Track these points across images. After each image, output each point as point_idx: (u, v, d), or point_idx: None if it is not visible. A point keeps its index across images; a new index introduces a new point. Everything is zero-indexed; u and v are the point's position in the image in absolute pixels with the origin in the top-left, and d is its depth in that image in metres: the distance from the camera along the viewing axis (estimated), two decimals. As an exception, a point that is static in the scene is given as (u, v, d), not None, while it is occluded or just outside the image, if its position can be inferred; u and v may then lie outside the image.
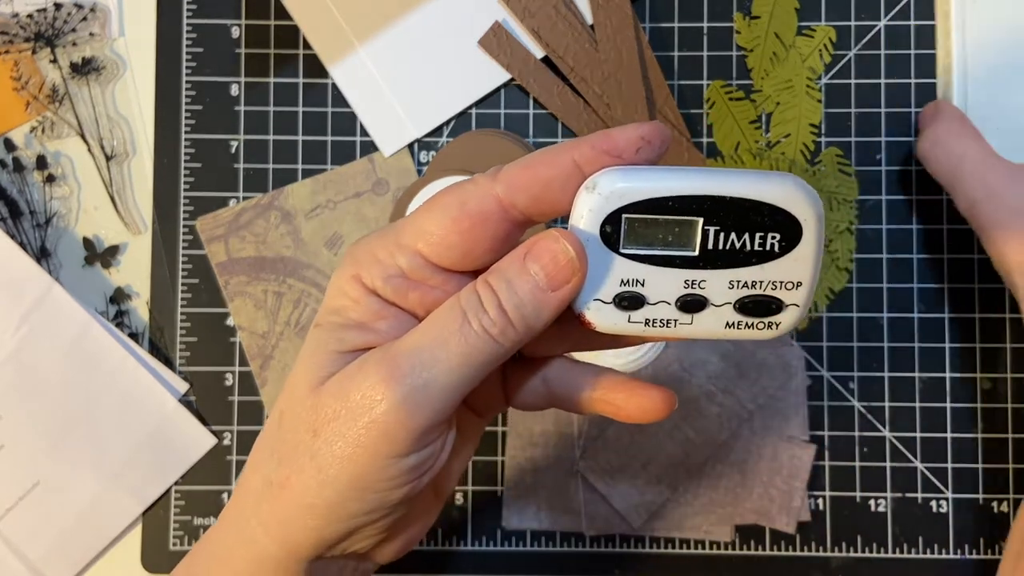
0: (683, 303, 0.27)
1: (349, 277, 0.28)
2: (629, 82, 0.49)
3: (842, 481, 0.48)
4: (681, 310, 0.27)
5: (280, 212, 0.50)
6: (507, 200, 0.26)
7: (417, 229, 0.27)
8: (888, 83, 0.50)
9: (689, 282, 0.26)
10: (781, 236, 0.26)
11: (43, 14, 0.50)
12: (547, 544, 0.48)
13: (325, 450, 0.26)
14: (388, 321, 0.28)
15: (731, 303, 0.27)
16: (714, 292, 0.26)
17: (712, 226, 0.26)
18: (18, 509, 0.48)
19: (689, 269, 0.26)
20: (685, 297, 0.26)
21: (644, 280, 0.26)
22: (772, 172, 0.26)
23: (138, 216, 0.50)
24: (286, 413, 0.28)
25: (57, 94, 0.50)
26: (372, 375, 0.26)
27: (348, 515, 0.27)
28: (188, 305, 0.50)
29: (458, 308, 0.26)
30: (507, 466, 0.48)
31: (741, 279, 0.26)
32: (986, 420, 0.48)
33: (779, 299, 0.27)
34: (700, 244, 0.26)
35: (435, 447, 0.27)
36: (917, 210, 0.49)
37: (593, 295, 0.27)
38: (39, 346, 0.48)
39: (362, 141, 0.50)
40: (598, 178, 0.26)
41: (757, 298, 0.26)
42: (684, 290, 0.26)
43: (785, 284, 0.26)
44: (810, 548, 0.48)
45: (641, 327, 0.27)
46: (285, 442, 0.28)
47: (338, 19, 0.50)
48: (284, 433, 0.28)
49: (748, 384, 0.48)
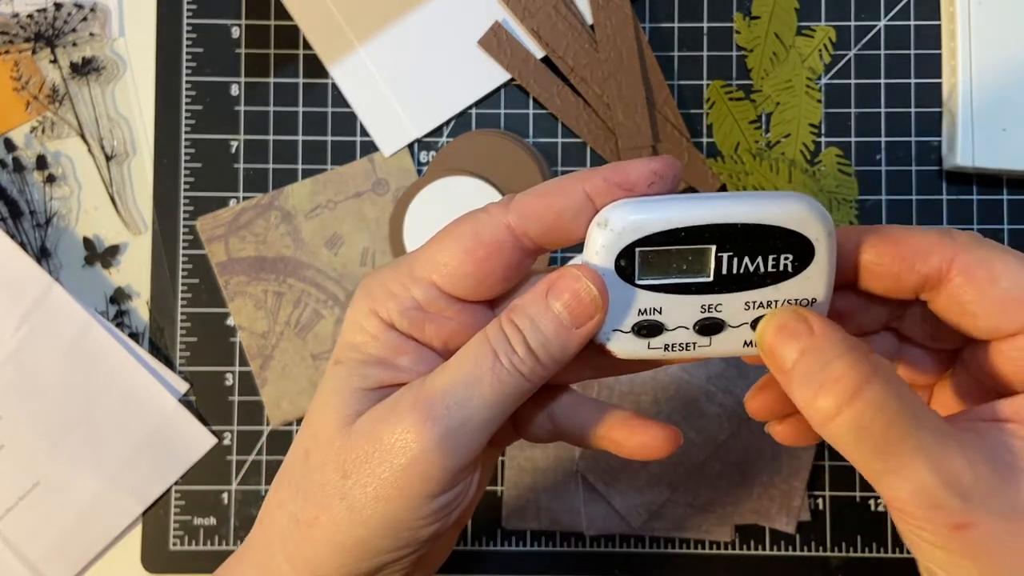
0: (701, 327, 0.27)
1: (366, 312, 0.28)
2: (629, 82, 0.49)
3: (842, 481, 0.48)
4: (699, 333, 0.27)
5: (280, 212, 0.50)
6: (520, 229, 0.26)
7: (430, 260, 0.27)
8: (888, 83, 0.50)
9: (706, 307, 0.27)
10: (794, 256, 0.26)
11: (43, 14, 0.50)
12: (547, 544, 0.48)
13: (357, 491, 0.26)
14: (409, 356, 0.28)
15: (748, 323, 0.27)
16: (731, 314, 0.27)
17: (725, 252, 0.26)
18: (18, 509, 0.48)
19: (705, 294, 0.26)
20: (703, 321, 0.27)
21: (661, 308, 0.27)
22: (780, 193, 0.26)
23: (138, 216, 0.50)
24: (312, 452, 0.28)
25: (57, 94, 0.50)
26: (406, 417, 0.26)
27: (378, 552, 0.27)
28: (188, 305, 0.50)
29: (488, 346, 0.26)
30: (507, 466, 0.48)
31: (757, 300, 0.26)
32: (986, 420, 0.48)
33: None
34: (714, 270, 0.26)
35: (466, 483, 0.28)
36: (917, 210, 0.49)
37: (613, 326, 0.27)
38: (39, 346, 0.48)
39: (362, 141, 0.50)
40: (609, 213, 0.26)
41: None
42: (701, 315, 0.27)
43: (800, 301, 0.26)
44: (810, 548, 0.48)
45: (661, 352, 0.27)
46: (312, 481, 0.27)
47: (338, 19, 0.50)
48: (311, 472, 0.27)
49: (748, 384, 0.48)
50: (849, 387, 0.24)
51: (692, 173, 0.49)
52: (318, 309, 0.49)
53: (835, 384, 0.24)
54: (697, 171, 0.49)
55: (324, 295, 0.49)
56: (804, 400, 0.25)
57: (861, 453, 0.24)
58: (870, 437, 0.23)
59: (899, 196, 0.49)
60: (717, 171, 0.49)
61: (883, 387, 0.24)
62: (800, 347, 0.25)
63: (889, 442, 0.23)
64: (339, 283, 0.49)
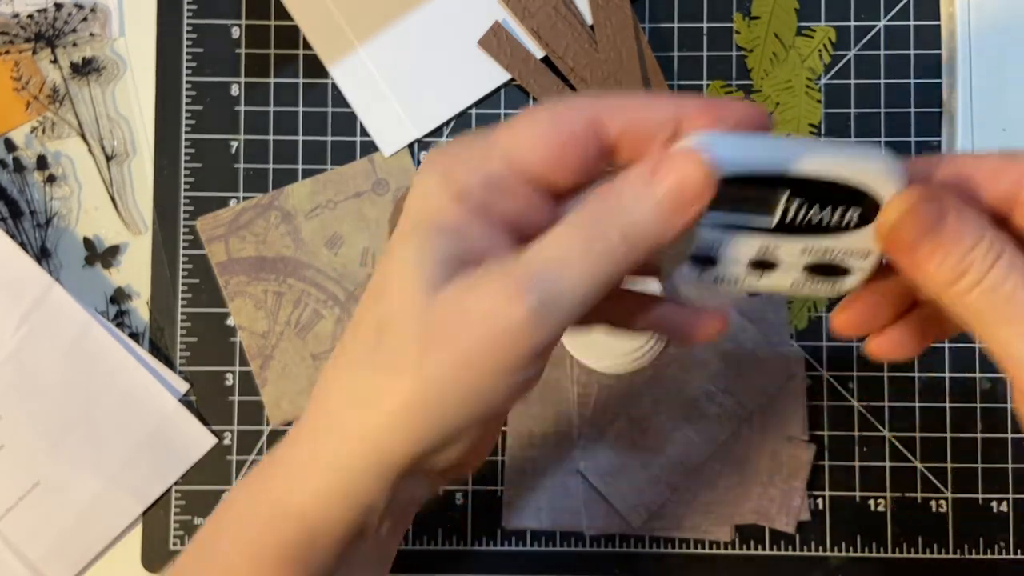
0: (754, 264, 0.27)
1: (437, 183, 0.27)
2: (629, 82, 0.49)
3: (842, 481, 0.48)
4: (752, 268, 0.27)
5: (280, 212, 0.50)
6: (601, 124, 0.26)
7: (505, 140, 0.26)
8: (887, 83, 0.50)
9: (764, 248, 0.27)
10: (862, 211, 0.26)
11: (43, 14, 0.50)
12: (547, 544, 0.48)
13: (438, 361, 0.25)
14: (479, 231, 0.27)
15: (801, 266, 0.27)
16: (786, 257, 0.27)
17: (796, 198, 0.26)
18: (18, 509, 0.48)
19: (767, 235, 0.27)
20: (758, 260, 0.27)
21: (722, 242, 0.27)
22: (864, 151, 0.26)
23: (138, 216, 0.50)
24: (388, 323, 0.27)
25: (57, 94, 0.50)
26: (498, 289, 0.25)
27: (447, 428, 0.26)
28: (188, 305, 0.50)
29: (582, 226, 0.26)
30: (507, 466, 0.48)
31: (815, 247, 0.27)
32: (985, 420, 0.48)
33: (848, 266, 0.27)
34: (781, 214, 0.26)
35: (539, 368, 0.27)
36: (917, 210, 0.49)
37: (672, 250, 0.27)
38: (39, 346, 0.48)
39: (362, 141, 0.50)
40: (697, 140, 0.26)
41: (828, 264, 0.27)
42: (758, 254, 0.27)
43: (857, 253, 0.27)
44: (810, 548, 0.48)
45: (711, 284, 0.28)
46: (385, 352, 0.26)
47: (338, 19, 0.50)
48: (384, 343, 0.26)
49: (748, 384, 0.48)
50: (989, 257, 0.24)
51: (692, 173, 0.49)
52: (318, 309, 0.49)
53: (971, 253, 0.24)
54: (697, 171, 0.49)
55: (324, 295, 0.49)
56: (936, 270, 0.25)
57: (995, 320, 0.24)
58: (1005, 303, 0.24)
59: (899, 196, 0.49)
60: (717, 171, 0.49)
61: (1015, 255, 0.25)
62: (931, 221, 0.25)
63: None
64: (339, 283, 0.49)
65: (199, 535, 0.30)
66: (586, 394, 0.48)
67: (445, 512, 0.49)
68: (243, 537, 0.29)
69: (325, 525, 0.28)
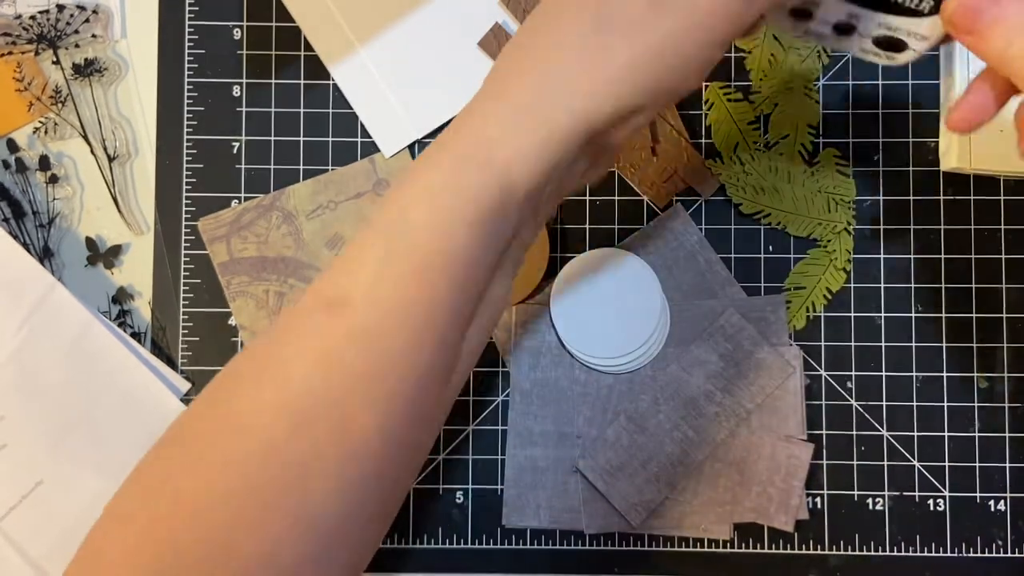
0: (838, 27, 0.33)
1: None
2: (628, 83, 0.49)
3: (840, 480, 0.48)
4: (834, 30, 0.34)
5: (281, 213, 0.50)
6: None
7: None
8: (885, 84, 0.50)
9: (851, 15, 0.33)
10: (936, 2, 0.30)
11: (46, 16, 0.50)
12: (547, 542, 0.49)
13: (667, 23, 0.29)
14: None
15: (872, 36, 0.33)
16: (864, 26, 0.33)
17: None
18: (21, 508, 0.48)
19: (856, 5, 0.32)
20: (842, 24, 0.33)
21: (820, 4, 0.33)
22: None
23: (140, 216, 0.50)
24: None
25: (60, 95, 0.50)
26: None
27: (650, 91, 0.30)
28: (190, 305, 0.50)
29: None
30: (507, 465, 0.49)
31: (889, 24, 0.32)
32: (983, 419, 0.48)
33: (908, 45, 0.33)
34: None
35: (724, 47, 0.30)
36: (914, 210, 0.49)
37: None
38: (41, 346, 0.48)
39: (363, 142, 0.50)
40: None
41: (893, 39, 0.33)
42: (844, 19, 0.33)
43: (918, 35, 0.32)
44: (808, 546, 0.48)
45: (801, 35, 0.34)
46: (612, 11, 0.29)
47: (339, 20, 0.51)
48: (612, 6, 0.29)
49: (747, 383, 0.48)
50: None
51: (691, 173, 0.49)
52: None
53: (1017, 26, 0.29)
54: (696, 172, 0.49)
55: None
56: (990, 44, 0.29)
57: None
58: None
59: (897, 197, 0.49)
60: (716, 171, 0.49)
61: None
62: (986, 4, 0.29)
63: None
64: (340, 283, 0.49)
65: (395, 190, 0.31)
66: (586, 393, 0.48)
67: (445, 511, 0.49)
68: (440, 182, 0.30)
69: (521, 180, 0.30)
